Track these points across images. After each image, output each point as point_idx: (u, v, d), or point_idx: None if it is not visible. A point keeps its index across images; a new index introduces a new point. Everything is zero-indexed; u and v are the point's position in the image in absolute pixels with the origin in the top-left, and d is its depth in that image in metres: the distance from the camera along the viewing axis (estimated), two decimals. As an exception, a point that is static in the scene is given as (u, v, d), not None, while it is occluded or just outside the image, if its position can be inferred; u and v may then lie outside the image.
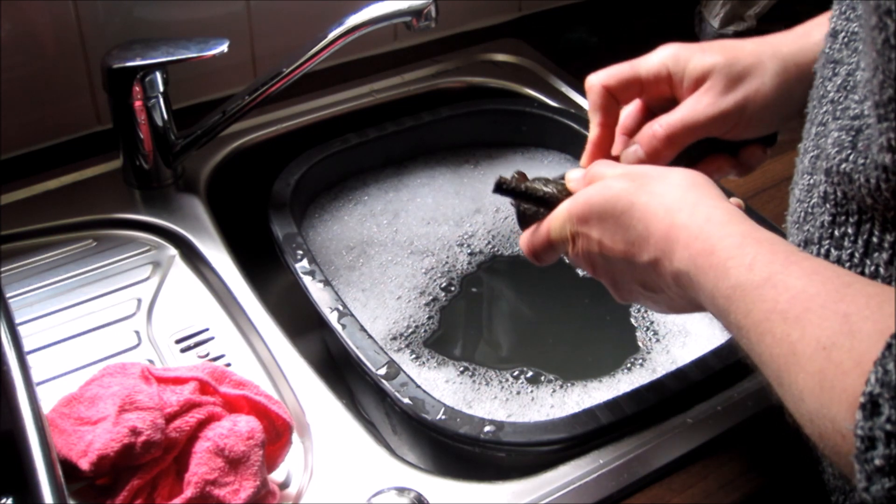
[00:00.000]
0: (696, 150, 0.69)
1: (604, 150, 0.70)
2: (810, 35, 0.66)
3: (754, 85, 0.65)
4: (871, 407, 0.40)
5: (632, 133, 0.70)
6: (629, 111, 0.71)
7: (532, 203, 0.67)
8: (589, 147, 0.70)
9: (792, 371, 0.46)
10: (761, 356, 0.49)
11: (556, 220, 0.64)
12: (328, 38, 0.88)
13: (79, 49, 0.97)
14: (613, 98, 0.69)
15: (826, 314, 0.45)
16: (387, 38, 1.17)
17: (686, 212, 0.56)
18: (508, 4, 1.25)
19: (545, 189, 0.66)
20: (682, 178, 0.59)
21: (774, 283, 0.48)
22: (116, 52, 0.87)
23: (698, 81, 0.66)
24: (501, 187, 0.66)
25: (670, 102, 0.68)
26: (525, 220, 0.68)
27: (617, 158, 0.69)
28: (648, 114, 0.70)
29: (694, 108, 0.66)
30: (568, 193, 0.66)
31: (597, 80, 0.69)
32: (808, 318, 0.46)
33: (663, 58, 0.68)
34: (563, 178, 0.68)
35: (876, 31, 0.45)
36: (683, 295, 0.57)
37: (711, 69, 0.66)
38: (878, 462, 0.39)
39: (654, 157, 0.66)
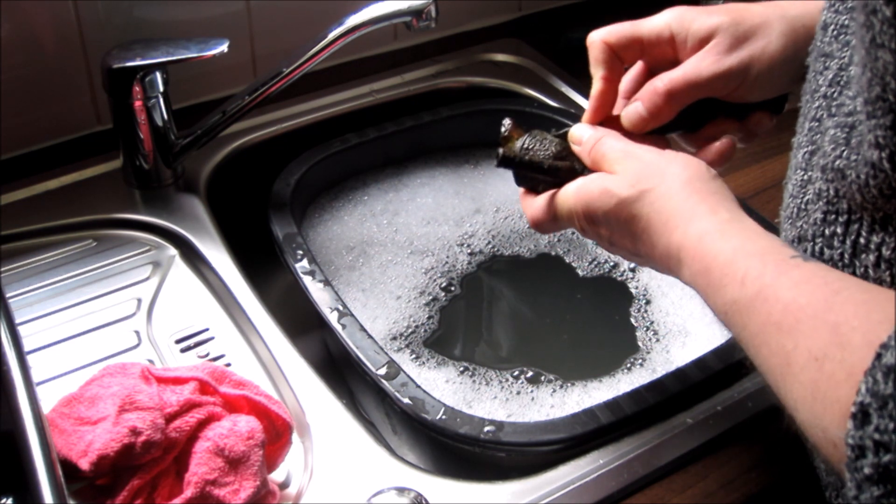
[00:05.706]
0: (701, 114, 0.68)
1: (606, 107, 0.68)
2: None
3: (760, 44, 0.64)
4: (861, 416, 0.40)
5: (633, 96, 0.69)
6: (631, 75, 0.71)
7: (538, 174, 0.66)
8: (591, 102, 0.68)
9: (787, 381, 0.47)
10: (761, 367, 0.50)
11: (563, 204, 0.64)
12: (328, 38, 0.88)
13: (79, 49, 0.97)
14: (615, 55, 0.68)
15: (817, 325, 0.46)
16: (387, 38, 1.16)
17: (681, 229, 0.57)
18: (508, 4, 1.24)
19: (550, 162, 0.65)
20: (678, 178, 0.59)
21: (766, 297, 0.49)
22: (116, 52, 0.87)
23: (703, 41, 0.65)
24: (506, 161, 0.65)
25: (673, 65, 0.67)
26: (524, 180, 0.68)
27: (618, 118, 0.68)
28: (651, 77, 0.69)
29: (697, 65, 0.65)
30: (571, 154, 0.66)
31: (597, 35, 0.68)
32: (800, 330, 0.46)
33: (667, 18, 0.67)
34: (565, 134, 0.67)
35: (864, 30, 0.45)
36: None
37: (717, 28, 0.65)
38: (867, 471, 0.40)
39: (655, 114, 0.66)
